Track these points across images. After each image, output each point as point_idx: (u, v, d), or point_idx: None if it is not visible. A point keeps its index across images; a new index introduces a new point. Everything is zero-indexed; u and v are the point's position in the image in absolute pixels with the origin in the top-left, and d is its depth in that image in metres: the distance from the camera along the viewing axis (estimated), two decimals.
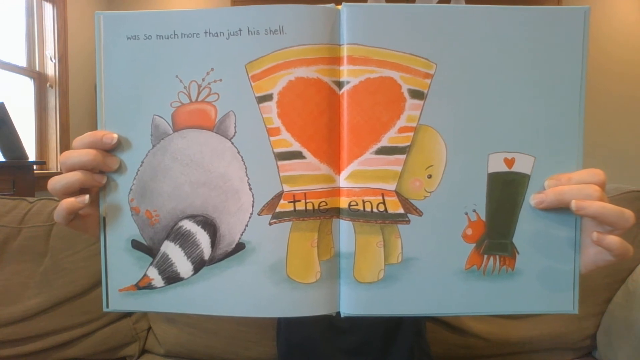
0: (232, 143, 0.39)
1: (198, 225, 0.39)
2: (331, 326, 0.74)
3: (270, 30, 0.38)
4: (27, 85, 2.70)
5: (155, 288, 0.41)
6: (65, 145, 2.79)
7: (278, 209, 0.40)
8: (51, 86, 2.78)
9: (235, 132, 0.40)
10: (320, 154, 0.40)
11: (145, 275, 0.41)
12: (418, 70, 0.40)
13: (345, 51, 0.40)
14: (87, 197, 0.40)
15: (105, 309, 0.42)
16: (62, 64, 2.82)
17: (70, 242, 1.08)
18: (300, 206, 0.40)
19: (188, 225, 0.39)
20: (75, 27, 2.96)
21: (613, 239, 0.39)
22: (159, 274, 0.41)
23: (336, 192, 0.41)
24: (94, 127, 0.41)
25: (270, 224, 0.40)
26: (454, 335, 0.97)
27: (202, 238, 0.40)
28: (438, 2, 2.66)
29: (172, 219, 0.40)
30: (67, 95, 2.86)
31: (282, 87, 0.39)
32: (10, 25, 2.63)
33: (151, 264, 0.41)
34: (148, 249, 0.41)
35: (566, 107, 0.41)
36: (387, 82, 0.40)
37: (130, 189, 0.41)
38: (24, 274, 1.05)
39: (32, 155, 2.64)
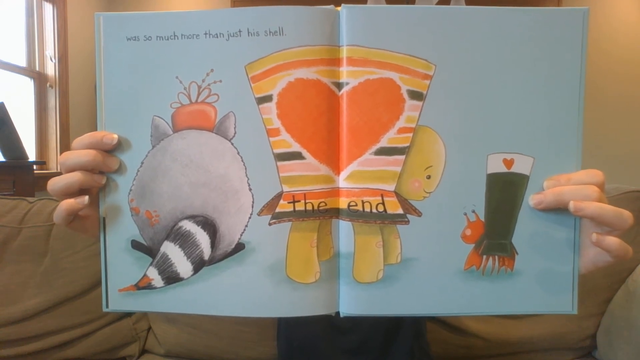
0: (232, 144, 0.39)
1: (198, 226, 0.40)
2: (332, 326, 0.74)
3: (270, 32, 0.38)
4: (27, 85, 2.71)
5: (155, 288, 0.41)
6: (65, 145, 2.79)
7: (278, 210, 0.40)
8: (51, 86, 2.78)
9: (235, 132, 0.40)
10: (319, 155, 0.40)
11: (145, 275, 0.41)
12: (417, 71, 0.40)
13: (344, 52, 0.40)
14: (86, 198, 0.40)
15: (105, 309, 0.42)
16: (62, 64, 2.82)
17: (70, 242, 1.08)
18: (299, 206, 0.40)
19: (188, 225, 0.39)
20: (75, 27, 2.96)
21: (612, 240, 0.39)
22: (159, 274, 0.41)
23: (335, 192, 0.41)
24: (94, 127, 0.41)
25: (270, 224, 0.40)
26: (454, 335, 0.97)
27: (202, 238, 0.40)
28: (438, 3, 2.66)
29: (172, 219, 0.40)
30: (67, 95, 2.86)
31: (281, 88, 0.39)
32: (10, 25, 2.63)
33: (151, 264, 0.41)
34: (148, 249, 0.41)
35: (565, 108, 0.41)
36: (386, 83, 0.40)
37: (130, 190, 0.41)
38: (24, 274, 1.05)
39: (32, 155, 2.64)
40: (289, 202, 0.40)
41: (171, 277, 0.40)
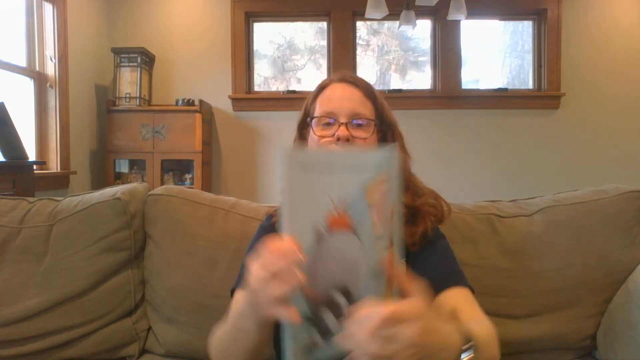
0: (358, 237, 0.54)
1: (341, 294, 0.54)
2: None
3: (375, 166, 0.53)
4: (27, 85, 2.70)
5: (318, 347, 0.54)
6: (64, 145, 2.78)
7: None
8: (51, 86, 2.78)
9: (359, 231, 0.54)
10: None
11: (310, 338, 0.55)
12: None
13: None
14: (294, 283, 0.50)
15: None
16: (62, 64, 2.82)
17: (70, 242, 1.08)
18: None
19: (335, 295, 0.54)
20: (75, 27, 2.96)
21: None
22: (320, 335, 0.55)
23: None
24: (93, 127, 0.41)
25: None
26: None
27: (342, 301, 0.54)
28: (438, 3, 2.65)
29: (325, 291, 0.54)
30: (67, 95, 2.86)
31: (376, 198, 0.53)
32: (10, 25, 2.63)
33: (314, 328, 0.54)
34: (311, 320, 0.55)
35: None
36: None
37: None
38: (24, 274, 1.05)
39: (32, 155, 2.63)
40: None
41: (327, 334, 0.54)
